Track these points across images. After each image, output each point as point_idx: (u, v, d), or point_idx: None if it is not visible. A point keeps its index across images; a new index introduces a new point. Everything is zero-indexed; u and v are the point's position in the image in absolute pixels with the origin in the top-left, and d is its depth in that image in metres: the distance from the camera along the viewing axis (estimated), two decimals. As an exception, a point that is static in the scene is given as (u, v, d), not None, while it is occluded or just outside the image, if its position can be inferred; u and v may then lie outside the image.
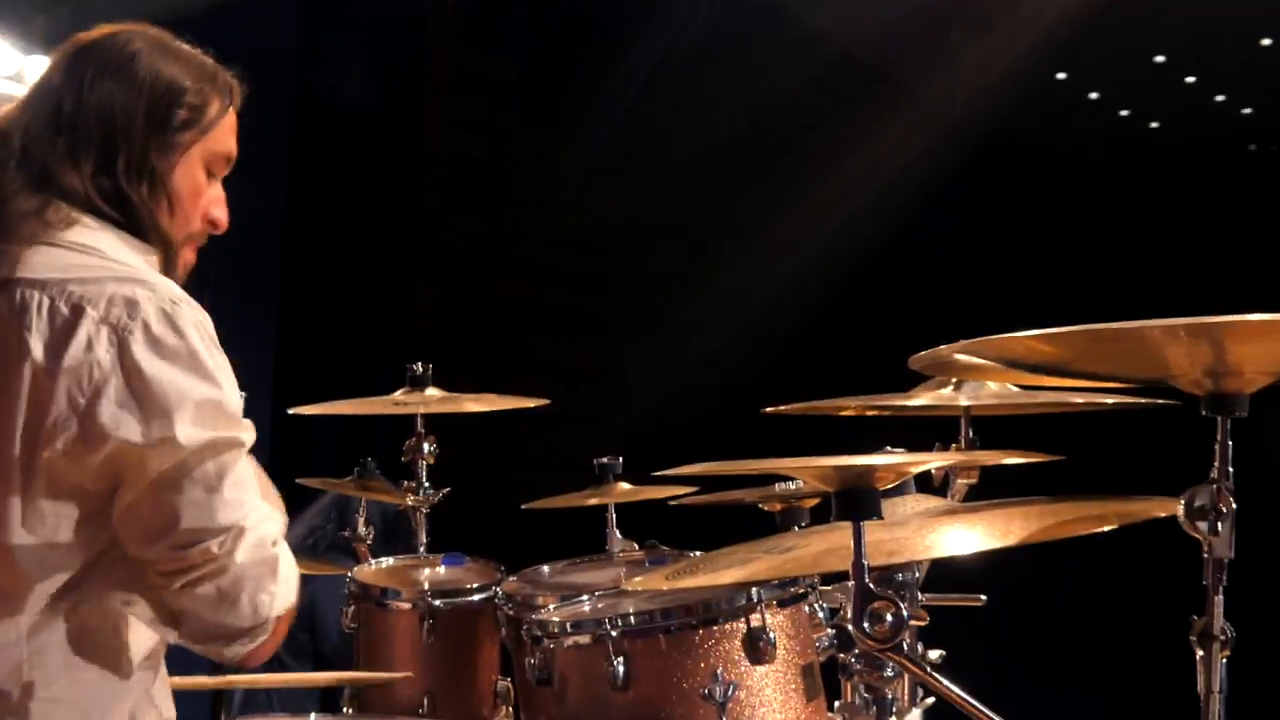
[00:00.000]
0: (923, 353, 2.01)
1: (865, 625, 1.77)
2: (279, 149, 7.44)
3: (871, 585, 1.77)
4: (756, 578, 2.45)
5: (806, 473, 1.89)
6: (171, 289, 2.13)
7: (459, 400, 3.81)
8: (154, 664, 2.20)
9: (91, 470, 2.05)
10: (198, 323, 2.10)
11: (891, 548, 1.95)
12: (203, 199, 2.29)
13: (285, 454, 6.69)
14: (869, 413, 3.03)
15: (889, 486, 1.90)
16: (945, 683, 1.84)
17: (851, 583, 1.79)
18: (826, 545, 2.08)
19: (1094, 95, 9.21)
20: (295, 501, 5.36)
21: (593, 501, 3.71)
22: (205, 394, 2.07)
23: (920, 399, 2.91)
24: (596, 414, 7.53)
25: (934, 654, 2.78)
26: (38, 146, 2.18)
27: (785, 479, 3.14)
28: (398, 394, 3.76)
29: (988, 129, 8.72)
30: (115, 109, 2.19)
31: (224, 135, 2.30)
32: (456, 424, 3.87)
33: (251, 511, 2.10)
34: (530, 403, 3.89)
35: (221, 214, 2.32)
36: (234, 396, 2.12)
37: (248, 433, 2.13)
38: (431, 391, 3.77)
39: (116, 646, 2.12)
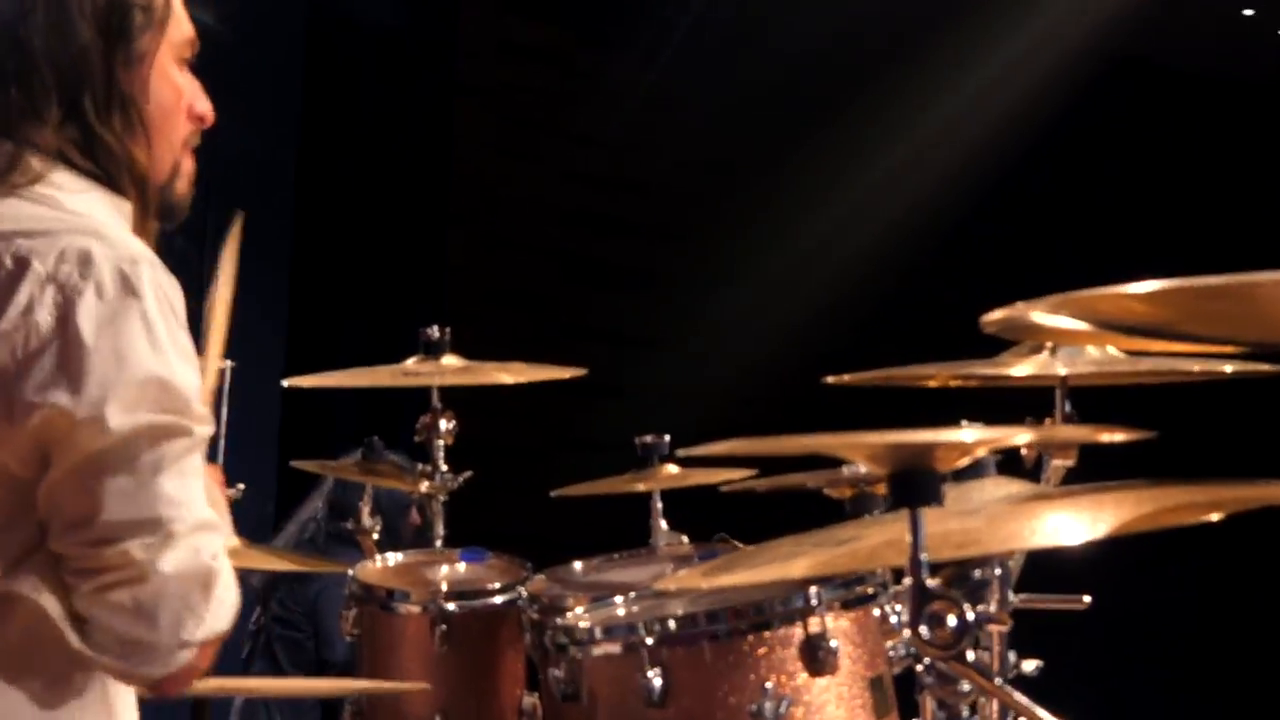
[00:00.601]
0: (996, 313, 1.97)
1: (923, 630, 1.76)
2: (290, 78, 7.48)
3: (929, 584, 1.75)
4: (804, 574, 2.44)
5: (855, 451, 1.88)
6: (133, 246, 2.15)
7: (481, 370, 3.79)
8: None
9: (18, 449, 2.06)
10: (159, 287, 2.12)
11: (961, 540, 1.94)
12: (184, 99, 2.35)
13: (296, 433, 6.77)
14: (953, 383, 3.00)
15: (960, 467, 1.89)
16: (1018, 696, 1.83)
17: (908, 579, 1.78)
18: (886, 537, 2.07)
19: (1249, 11, 9.10)
20: (297, 489, 5.43)
21: (637, 487, 3.69)
22: (150, 371, 2.07)
23: (1016, 368, 2.88)
24: (644, 385, 7.53)
25: (1029, 665, 2.76)
26: None
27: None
28: (409, 363, 3.74)
29: (1120, 49, 8.63)
30: (64, 45, 2.23)
31: (179, 20, 2.36)
32: (481, 398, 3.86)
33: (189, 514, 2.09)
34: (565, 373, 3.85)
35: (205, 106, 2.38)
36: (188, 378, 2.12)
37: (200, 424, 2.13)
38: (449, 360, 3.74)
39: (64, 656, 2.14)
